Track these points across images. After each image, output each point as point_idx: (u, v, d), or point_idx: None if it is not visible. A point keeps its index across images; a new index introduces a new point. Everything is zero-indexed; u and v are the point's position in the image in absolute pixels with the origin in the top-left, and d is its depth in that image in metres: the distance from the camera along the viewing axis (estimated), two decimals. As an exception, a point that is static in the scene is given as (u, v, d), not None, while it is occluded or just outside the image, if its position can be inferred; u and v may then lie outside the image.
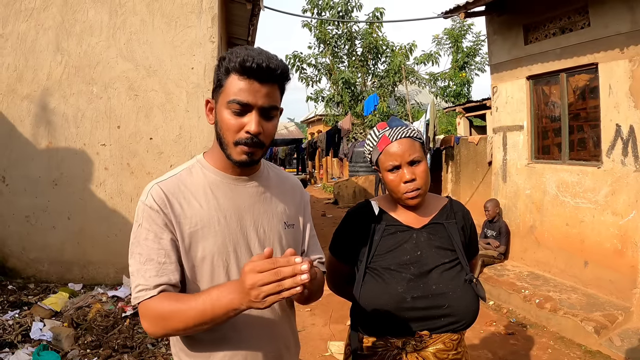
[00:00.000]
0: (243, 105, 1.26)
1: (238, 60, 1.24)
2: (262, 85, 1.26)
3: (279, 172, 1.59)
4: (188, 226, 1.31)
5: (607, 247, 4.99)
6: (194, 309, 1.18)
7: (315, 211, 12.96)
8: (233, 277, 1.34)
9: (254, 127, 1.26)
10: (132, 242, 1.31)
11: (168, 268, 1.28)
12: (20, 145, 5.32)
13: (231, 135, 1.29)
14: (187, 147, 5.43)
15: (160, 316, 1.22)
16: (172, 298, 1.24)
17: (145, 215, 1.29)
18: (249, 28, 7.94)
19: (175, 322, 1.21)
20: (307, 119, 30.33)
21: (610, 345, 4.23)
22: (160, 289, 1.25)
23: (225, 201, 1.37)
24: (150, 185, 1.33)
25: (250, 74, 1.24)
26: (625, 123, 4.78)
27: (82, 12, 5.32)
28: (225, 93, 1.28)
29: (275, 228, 1.44)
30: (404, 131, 1.67)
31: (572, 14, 5.40)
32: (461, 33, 20.07)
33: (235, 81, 1.26)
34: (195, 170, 1.39)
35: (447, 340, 1.62)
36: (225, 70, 1.28)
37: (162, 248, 1.28)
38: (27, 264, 5.38)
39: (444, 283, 1.62)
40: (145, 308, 1.25)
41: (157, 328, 1.24)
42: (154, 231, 1.28)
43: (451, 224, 1.75)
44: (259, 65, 1.23)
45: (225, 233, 1.34)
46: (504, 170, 6.69)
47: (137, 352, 3.80)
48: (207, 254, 1.32)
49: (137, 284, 1.26)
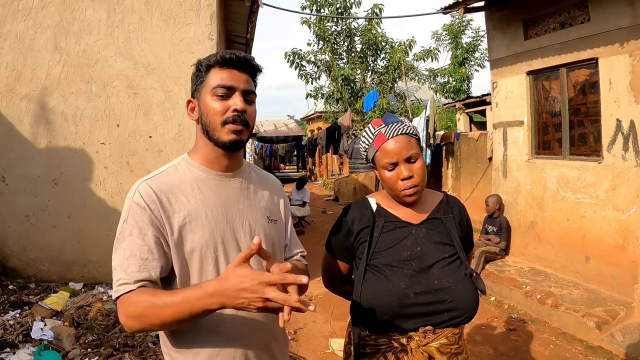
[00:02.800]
0: (227, 89, 1.38)
1: (218, 55, 1.40)
2: (240, 73, 1.41)
3: (259, 171, 1.67)
4: (177, 220, 1.35)
5: (608, 242, 4.99)
6: (170, 307, 1.20)
7: (315, 208, 12.96)
8: (222, 268, 1.38)
9: (240, 104, 1.38)
10: (117, 237, 1.34)
11: (150, 264, 1.30)
12: (20, 145, 5.31)
13: (219, 117, 1.39)
14: (187, 145, 5.42)
15: (137, 311, 1.24)
16: (149, 293, 1.26)
17: (131, 211, 1.33)
18: (248, 25, 7.92)
19: (151, 317, 1.23)
20: (306, 116, 30.29)
21: (611, 341, 4.22)
22: (140, 284, 1.28)
23: (211, 196, 1.42)
24: (138, 183, 1.38)
25: (230, 64, 1.40)
26: (625, 118, 4.76)
27: (80, 11, 5.30)
28: (209, 84, 1.40)
29: (260, 222, 1.50)
30: (400, 128, 1.66)
31: (571, 8, 5.38)
32: (460, 29, 20.00)
33: (217, 72, 1.40)
34: (181, 168, 1.45)
35: (449, 335, 1.63)
36: (206, 68, 1.42)
37: (146, 244, 1.31)
38: (27, 263, 5.38)
39: (446, 278, 1.62)
40: (124, 302, 1.27)
41: (133, 322, 1.26)
42: (139, 227, 1.31)
43: (448, 218, 1.75)
44: (237, 56, 1.40)
45: (212, 226, 1.39)
46: (504, 166, 6.68)
47: (138, 350, 3.80)
48: (195, 246, 1.36)
49: (119, 278, 1.29)
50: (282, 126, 29.62)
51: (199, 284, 1.23)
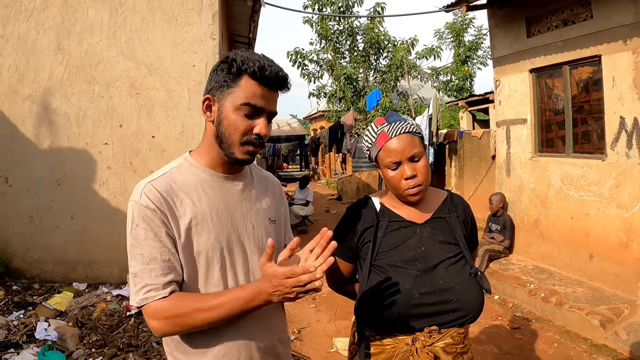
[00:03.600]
0: (256, 110, 1.32)
1: (257, 65, 1.30)
2: (273, 92, 1.35)
3: (259, 170, 1.65)
4: (183, 223, 1.33)
5: (612, 240, 4.97)
6: (218, 308, 1.26)
7: (319, 207, 12.95)
8: (227, 271, 1.39)
9: (264, 130, 1.34)
10: (131, 243, 1.31)
11: (173, 265, 1.30)
12: (23, 146, 5.32)
13: (239, 136, 1.34)
14: (190, 145, 5.43)
15: (176, 316, 1.26)
16: (189, 298, 1.28)
17: (141, 215, 1.29)
18: (250, 25, 7.92)
19: (194, 320, 1.27)
20: (309, 115, 30.28)
21: (616, 339, 4.21)
22: (170, 288, 1.28)
23: (215, 198, 1.41)
24: (142, 185, 1.34)
25: (267, 82, 1.31)
26: (629, 115, 4.74)
27: (83, 12, 5.31)
28: (237, 95, 1.32)
29: (262, 223, 1.50)
30: (403, 126, 1.64)
31: (574, 6, 5.35)
32: (463, 27, 19.97)
33: (251, 85, 1.31)
34: (184, 169, 1.42)
35: (455, 334, 1.62)
36: (237, 72, 1.32)
37: (164, 246, 1.30)
38: (31, 264, 5.39)
39: (450, 278, 1.61)
40: (156, 309, 1.26)
41: (169, 327, 1.28)
42: (153, 230, 1.29)
43: (453, 217, 1.73)
44: (276, 74, 1.32)
45: (218, 229, 1.38)
46: (507, 164, 6.66)
47: (142, 350, 3.80)
48: (201, 249, 1.35)
49: (145, 284, 1.27)
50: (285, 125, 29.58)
51: (241, 286, 1.31)
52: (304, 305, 5.48)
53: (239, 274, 1.41)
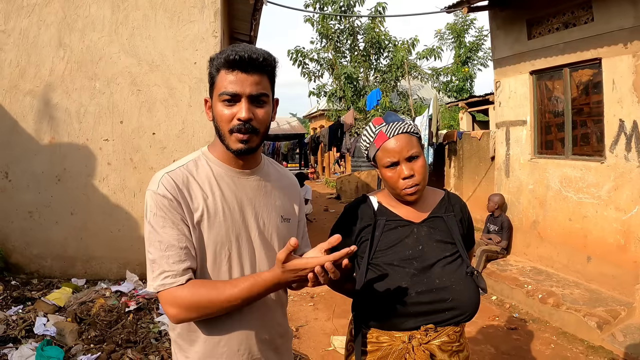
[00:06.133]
0: (232, 96, 1.34)
1: (223, 56, 1.34)
2: (247, 75, 1.34)
3: (279, 168, 1.66)
4: (196, 215, 1.37)
5: (610, 242, 4.99)
6: (236, 296, 1.30)
7: (318, 206, 12.97)
8: (234, 266, 1.41)
9: (243, 113, 1.34)
10: (149, 230, 1.35)
11: (190, 252, 1.34)
12: (23, 141, 5.33)
13: (225, 125, 1.37)
14: (190, 142, 5.44)
15: (196, 303, 1.30)
16: (207, 286, 1.33)
17: (159, 204, 1.33)
18: (252, 23, 7.93)
19: (211, 309, 1.32)
20: (309, 114, 30.26)
21: (612, 341, 4.23)
22: (187, 275, 1.31)
23: (229, 193, 1.43)
24: (160, 175, 1.38)
25: (234, 66, 1.33)
26: (628, 118, 4.76)
27: (84, 8, 5.31)
28: (217, 88, 1.37)
29: (273, 221, 1.51)
30: (401, 126, 1.66)
31: (575, 8, 5.37)
32: (464, 28, 19.97)
33: (224, 75, 1.35)
34: (201, 163, 1.45)
35: (450, 333, 1.64)
36: (215, 69, 1.38)
37: (181, 233, 1.33)
38: (30, 259, 5.39)
39: (447, 276, 1.63)
40: (174, 295, 1.30)
41: (187, 313, 1.31)
42: (171, 218, 1.33)
43: (450, 216, 1.75)
44: (241, 57, 1.32)
45: (228, 224, 1.41)
46: (506, 165, 6.68)
47: (140, 346, 3.82)
48: (211, 243, 1.38)
49: (162, 270, 1.31)
50: (285, 124, 29.57)
51: (257, 274, 1.35)
52: (302, 303, 5.50)
53: (245, 270, 1.44)
